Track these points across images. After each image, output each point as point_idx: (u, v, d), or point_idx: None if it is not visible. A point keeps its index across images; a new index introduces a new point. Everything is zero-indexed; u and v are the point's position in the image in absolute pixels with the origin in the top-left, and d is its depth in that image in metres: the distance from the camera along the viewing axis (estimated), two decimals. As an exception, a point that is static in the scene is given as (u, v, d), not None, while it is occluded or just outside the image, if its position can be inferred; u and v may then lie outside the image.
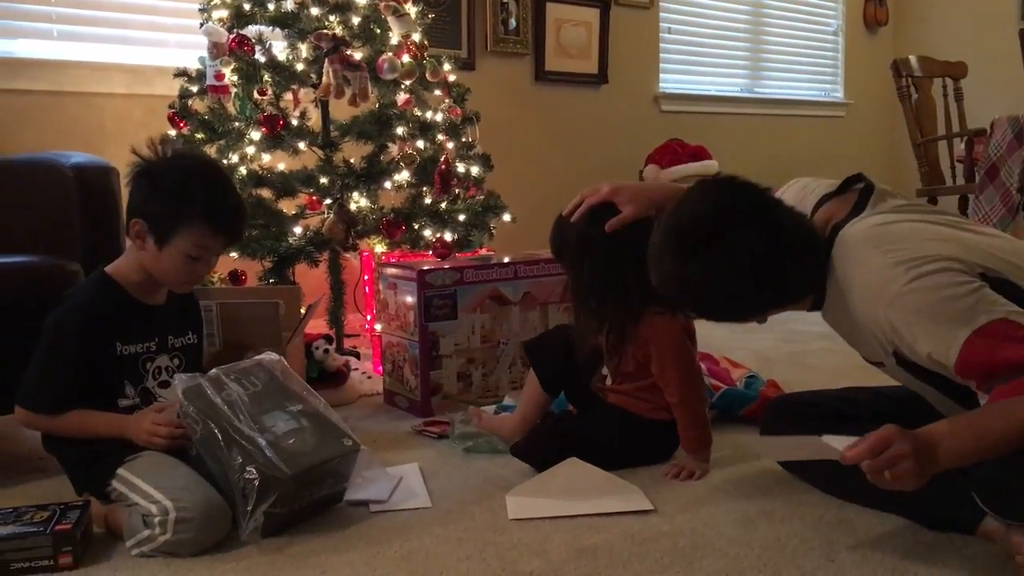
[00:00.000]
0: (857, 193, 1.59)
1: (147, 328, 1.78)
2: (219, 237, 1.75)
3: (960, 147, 4.64)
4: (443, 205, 2.96)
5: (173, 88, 2.93)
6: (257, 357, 1.79)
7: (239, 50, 2.75)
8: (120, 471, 1.64)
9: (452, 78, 3.10)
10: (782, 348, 3.12)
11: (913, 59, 4.82)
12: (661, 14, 4.93)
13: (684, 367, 1.92)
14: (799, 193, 1.70)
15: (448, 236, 2.91)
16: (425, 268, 2.45)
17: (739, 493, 1.80)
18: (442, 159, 2.92)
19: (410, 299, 2.43)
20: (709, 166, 4.38)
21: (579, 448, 1.91)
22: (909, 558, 1.48)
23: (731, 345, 3.08)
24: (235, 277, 2.87)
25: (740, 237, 1.45)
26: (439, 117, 3.02)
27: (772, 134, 5.53)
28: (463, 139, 3.08)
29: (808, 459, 1.63)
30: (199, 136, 2.82)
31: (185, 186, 1.70)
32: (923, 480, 1.29)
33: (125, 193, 1.80)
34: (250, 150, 2.79)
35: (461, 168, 3.02)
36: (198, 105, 2.91)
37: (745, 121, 5.39)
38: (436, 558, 1.53)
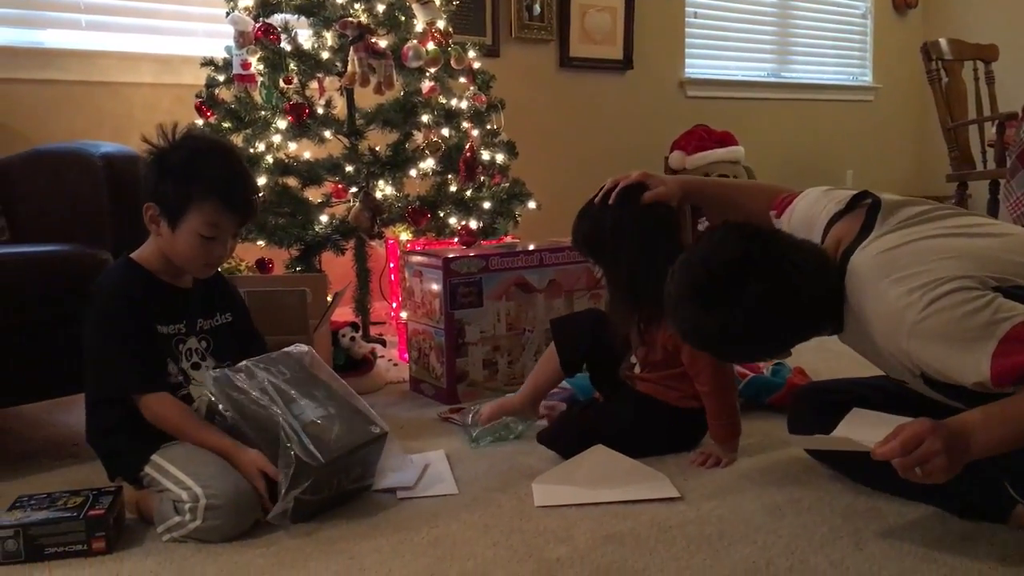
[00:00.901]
0: (865, 210, 1.57)
1: (176, 310, 1.78)
2: (231, 213, 1.72)
3: (991, 131, 4.57)
4: (468, 193, 2.96)
5: (200, 77, 2.95)
6: (286, 349, 1.80)
7: (265, 39, 2.76)
8: (154, 457, 1.65)
9: (477, 65, 3.09)
10: (809, 335, 3.10)
11: (943, 42, 4.74)
12: (687, -2, 4.89)
13: (716, 359, 1.91)
14: (808, 213, 1.68)
15: (473, 224, 2.91)
16: (450, 256, 2.45)
17: (767, 481, 1.79)
18: (467, 147, 2.92)
19: (436, 287, 2.44)
20: (736, 152, 4.34)
21: (605, 436, 1.91)
22: (939, 547, 1.47)
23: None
24: (262, 265, 2.89)
25: (755, 288, 1.45)
26: (464, 104, 3.02)
27: (800, 119, 5.47)
28: (488, 126, 3.08)
29: (838, 450, 1.62)
30: (226, 125, 2.83)
31: (192, 164, 1.70)
32: (954, 473, 1.29)
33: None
34: (276, 139, 2.81)
35: (486, 155, 3.02)
36: (225, 94, 2.92)
37: (772, 106, 5.33)
38: (463, 544, 1.54)
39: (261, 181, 2.77)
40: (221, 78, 2.90)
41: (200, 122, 2.86)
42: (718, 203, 1.90)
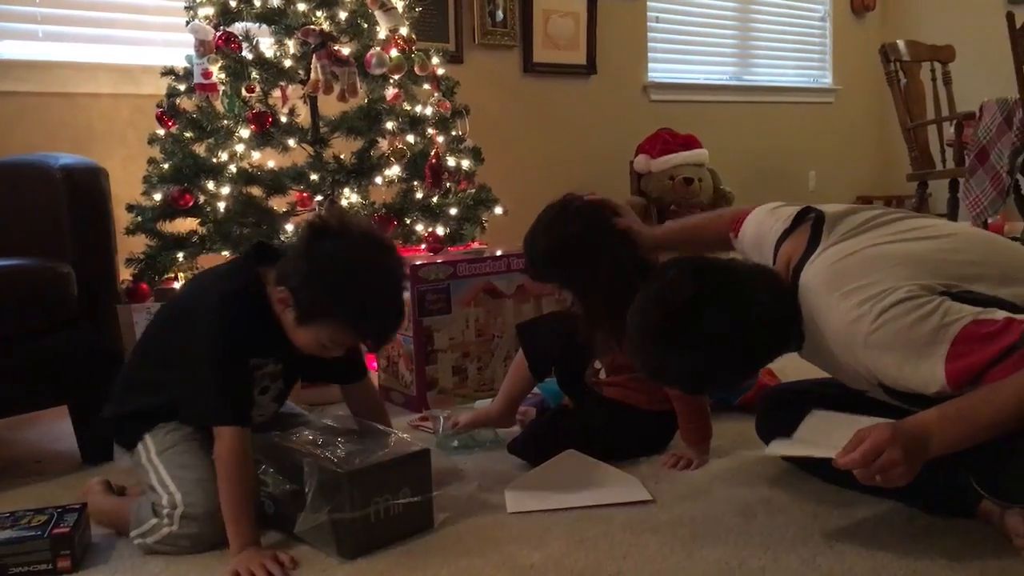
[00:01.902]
0: (810, 225, 1.59)
1: (273, 346, 1.66)
2: (360, 339, 1.65)
3: (950, 131, 4.64)
4: (434, 199, 2.95)
5: (160, 87, 2.91)
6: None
7: (226, 47, 2.73)
8: (148, 439, 1.63)
9: (441, 71, 3.09)
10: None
11: (901, 43, 4.82)
12: (649, 3, 4.92)
13: None
14: (757, 233, 1.71)
15: (440, 230, 2.91)
16: (418, 263, 2.44)
17: (738, 482, 1.80)
18: (433, 153, 2.91)
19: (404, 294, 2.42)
20: (700, 155, 4.38)
21: (576, 441, 1.91)
22: (908, 542, 1.48)
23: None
24: (227, 276, 2.86)
25: (713, 324, 1.47)
26: (429, 111, 3.02)
27: (762, 121, 5.53)
28: (453, 133, 3.08)
29: (802, 456, 1.64)
30: (188, 134, 2.80)
31: (342, 287, 1.54)
32: (912, 477, 1.31)
33: (120, 192, 1.71)
34: (239, 148, 2.78)
35: (452, 162, 3.02)
36: (186, 103, 2.89)
37: (735, 109, 5.38)
38: (437, 553, 1.53)
39: (224, 191, 2.74)
40: (182, 87, 2.87)
41: (161, 132, 2.82)
42: (689, 245, 1.89)
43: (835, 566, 1.41)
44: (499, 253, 2.59)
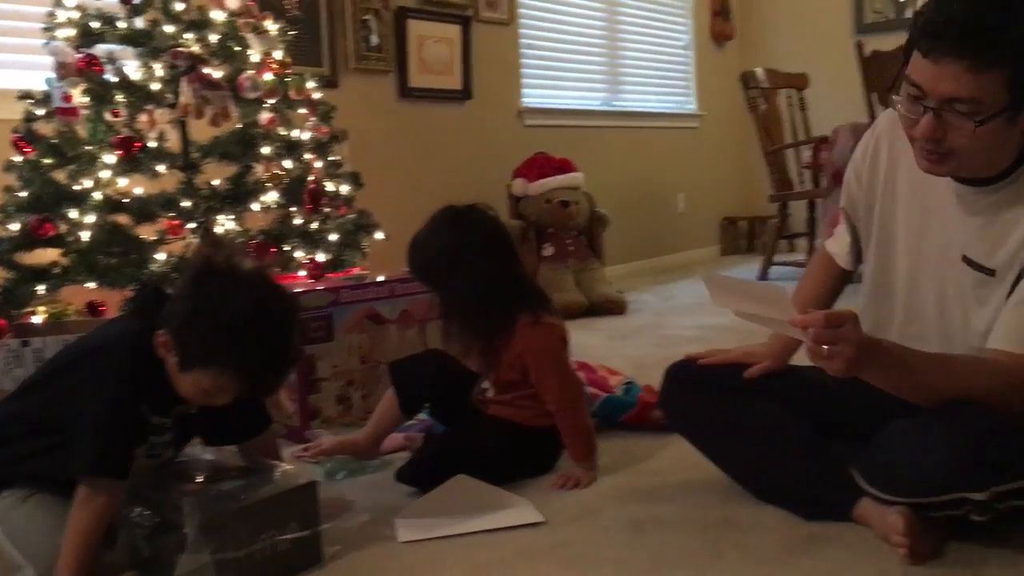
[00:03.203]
0: None
1: (167, 404, 1.57)
2: (246, 389, 1.54)
3: (806, 154, 4.90)
4: (314, 225, 2.90)
5: (17, 111, 2.75)
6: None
7: (88, 70, 2.62)
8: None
9: (316, 96, 3.04)
10: (656, 353, 3.19)
11: (760, 71, 5.06)
12: (521, 30, 4.99)
13: (561, 375, 1.94)
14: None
15: (320, 257, 2.85)
16: (298, 290, 2.39)
17: (627, 499, 1.83)
18: (310, 178, 2.86)
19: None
20: (575, 178, 4.46)
21: (465, 465, 1.90)
22: (791, 550, 1.53)
23: (605, 353, 3.14)
24: (93, 309, 2.73)
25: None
26: (305, 136, 2.97)
27: (632, 146, 5.68)
28: (331, 157, 3.04)
29: (753, 314, 1.51)
30: (47, 161, 2.66)
31: (226, 331, 1.46)
32: (848, 372, 1.34)
33: None
34: (104, 174, 2.65)
35: (330, 187, 2.97)
36: (45, 128, 2.74)
37: (606, 133, 5.52)
38: (328, 588, 1.49)
39: (88, 219, 2.62)
40: (41, 112, 2.73)
41: (19, 159, 2.67)
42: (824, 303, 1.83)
43: (724, 577, 1.45)
44: (381, 279, 2.56)
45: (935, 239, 1.56)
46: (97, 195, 2.64)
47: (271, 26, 2.88)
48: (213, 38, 2.75)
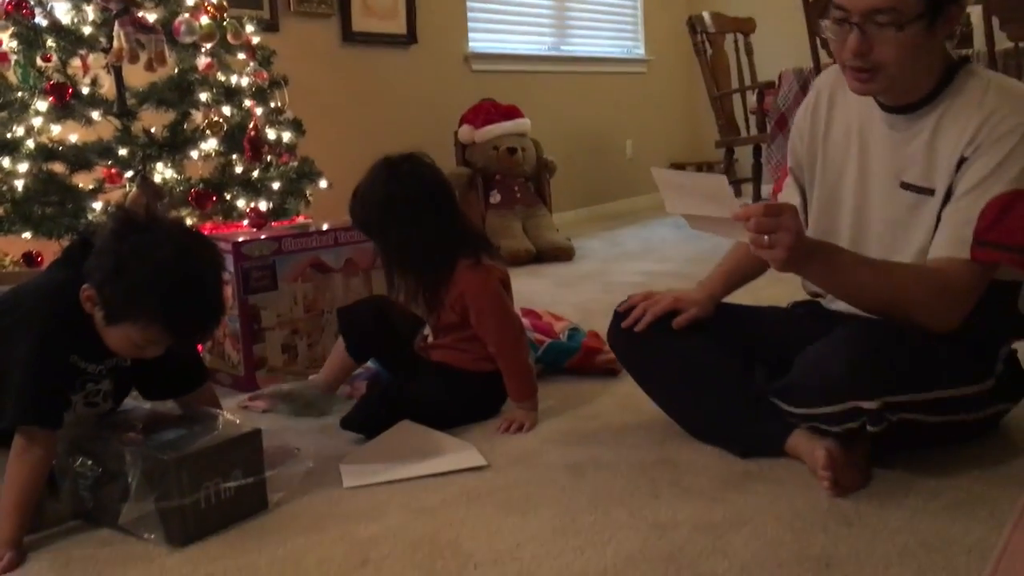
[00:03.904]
0: None
1: (99, 352, 1.57)
2: (174, 337, 1.53)
3: (752, 99, 4.93)
4: (255, 173, 2.86)
5: (-59, 56, 2.67)
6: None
7: (16, 13, 2.54)
8: None
9: (256, 40, 2.98)
10: (602, 299, 3.22)
11: (707, 15, 5.06)
12: (466, -27, 4.92)
13: (500, 315, 1.97)
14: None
15: (263, 205, 2.82)
16: (240, 239, 2.36)
17: (568, 442, 1.87)
18: (251, 125, 2.82)
19: (227, 272, 2.35)
20: (522, 125, 4.44)
21: (409, 411, 1.93)
22: (725, 486, 1.58)
23: (552, 299, 3.17)
24: (30, 259, 2.68)
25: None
26: (245, 82, 2.91)
27: (580, 91, 5.66)
28: (272, 104, 2.98)
29: (701, 217, 1.53)
30: (-24, 108, 2.59)
31: (150, 282, 1.45)
32: (787, 265, 1.43)
33: None
34: (37, 121, 2.59)
35: (272, 134, 2.93)
36: (-28, 74, 2.66)
37: (554, 79, 5.49)
38: (272, 533, 1.50)
39: (22, 168, 2.55)
40: (-33, 57, 2.64)
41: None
42: (740, 279, 1.89)
43: (660, 514, 1.49)
44: (325, 227, 2.54)
45: (875, 174, 1.64)
46: (30, 143, 2.58)
47: (207, -33, 2.80)
48: (146, -21, 2.68)
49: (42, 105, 2.56)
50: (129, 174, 2.69)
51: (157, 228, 1.53)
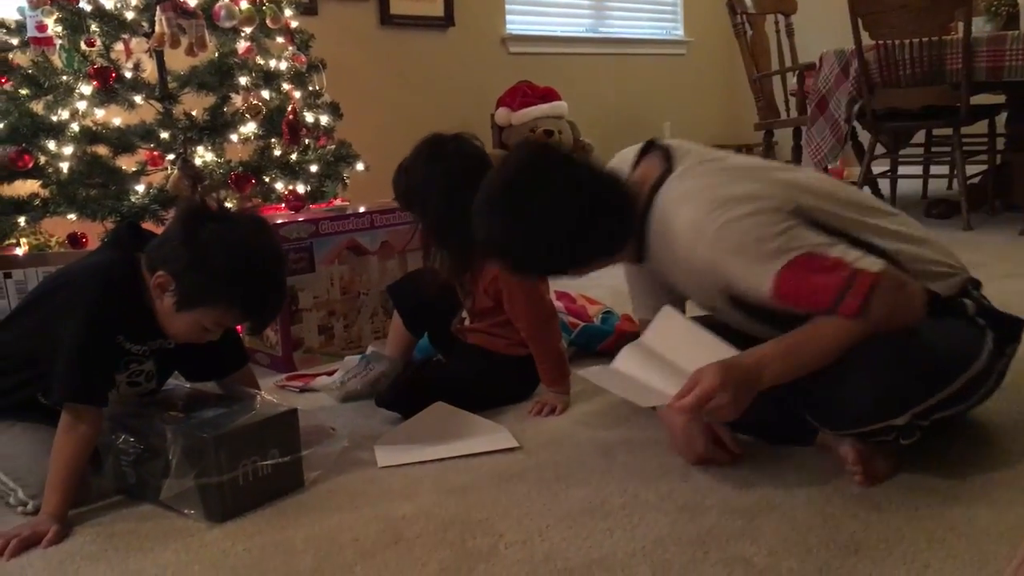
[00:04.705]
0: (661, 152, 1.63)
1: (146, 332, 1.63)
2: (244, 321, 1.65)
3: (793, 81, 4.87)
4: (293, 156, 2.90)
5: (-10, 41, 2.73)
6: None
7: (61, -1, 2.59)
8: None
9: (294, 24, 3.01)
10: (635, 282, 3.24)
11: (747, -4, 4.99)
12: (504, -45, 4.91)
13: (532, 299, 1.98)
14: (616, 163, 1.76)
15: (300, 188, 2.86)
16: (279, 221, 2.40)
17: (600, 424, 1.88)
18: (289, 109, 2.85)
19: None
20: (559, 107, 4.44)
21: (444, 392, 1.95)
22: (757, 472, 1.59)
23: (586, 283, 3.16)
24: (75, 240, 2.74)
25: (544, 196, 1.51)
26: (283, 65, 2.94)
27: (618, 73, 5.63)
28: (310, 87, 3.02)
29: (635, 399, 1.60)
30: (23, 92, 2.65)
31: (230, 270, 1.52)
32: (740, 412, 1.43)
33: None
34: (81, 105, 2.65)
35: (310, 118, 2.96)
36: (20, 59, 2.72)
37: (591, 61, 5.46)
38: (308, 511, 1.54)
39: (67, 150, 2.61)
40: (15, 41, 2.70)
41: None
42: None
43: (690, 498, 1.50)
44: (362, 210, 2.57)
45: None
46: (75, 126, 2.63)
47: (247, -48, 2.83)
48: (187, -35, 2.71)
49: (86, 89, 2.62)
50: (171, 157, 2.74)
51: (230, 216, 1.61)
